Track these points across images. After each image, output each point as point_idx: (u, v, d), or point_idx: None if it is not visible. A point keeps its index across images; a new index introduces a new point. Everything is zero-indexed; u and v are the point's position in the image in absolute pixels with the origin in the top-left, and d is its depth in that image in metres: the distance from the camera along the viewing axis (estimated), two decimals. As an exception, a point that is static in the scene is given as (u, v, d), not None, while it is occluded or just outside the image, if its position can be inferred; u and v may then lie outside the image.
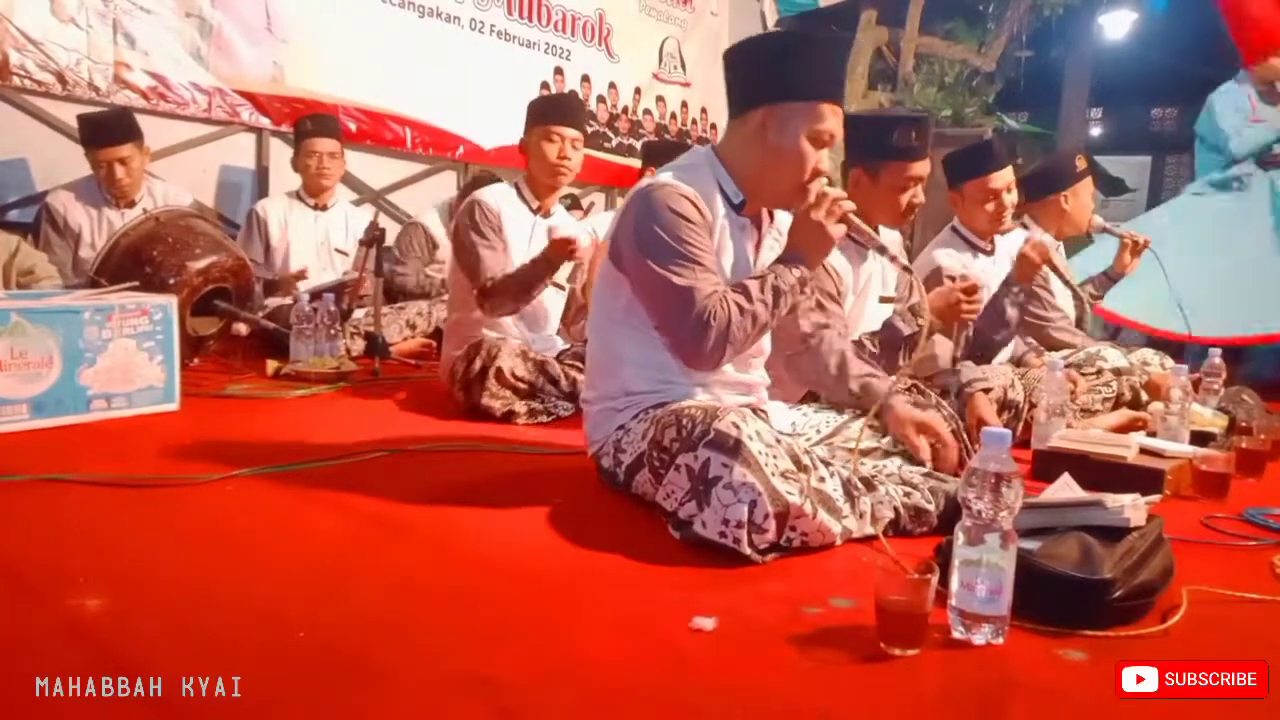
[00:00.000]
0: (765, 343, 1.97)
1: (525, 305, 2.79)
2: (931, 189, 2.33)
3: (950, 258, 2.81)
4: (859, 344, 2.22)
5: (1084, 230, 3.23)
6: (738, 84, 1.84)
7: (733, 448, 1.50)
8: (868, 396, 1.92)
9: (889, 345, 2.18)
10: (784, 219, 1.94)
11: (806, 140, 1.73)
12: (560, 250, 2.62)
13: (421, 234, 4.22)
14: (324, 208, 3.93)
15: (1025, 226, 3.18)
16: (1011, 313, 2.65)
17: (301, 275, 3.73)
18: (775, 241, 1.94)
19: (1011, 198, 2.83)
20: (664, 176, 1.80)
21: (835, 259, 2.29)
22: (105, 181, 3.38)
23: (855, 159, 2.32)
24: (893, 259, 1.83)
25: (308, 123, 3.89)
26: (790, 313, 1.95)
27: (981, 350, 2.64)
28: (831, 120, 1.75)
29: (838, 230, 1.73)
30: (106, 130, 3.36)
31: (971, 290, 2.28)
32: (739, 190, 1.82)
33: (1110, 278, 3.33)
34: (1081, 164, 3.21)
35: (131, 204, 3.42)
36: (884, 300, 2.39)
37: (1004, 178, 2.79)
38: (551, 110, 2.86)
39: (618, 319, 1.83)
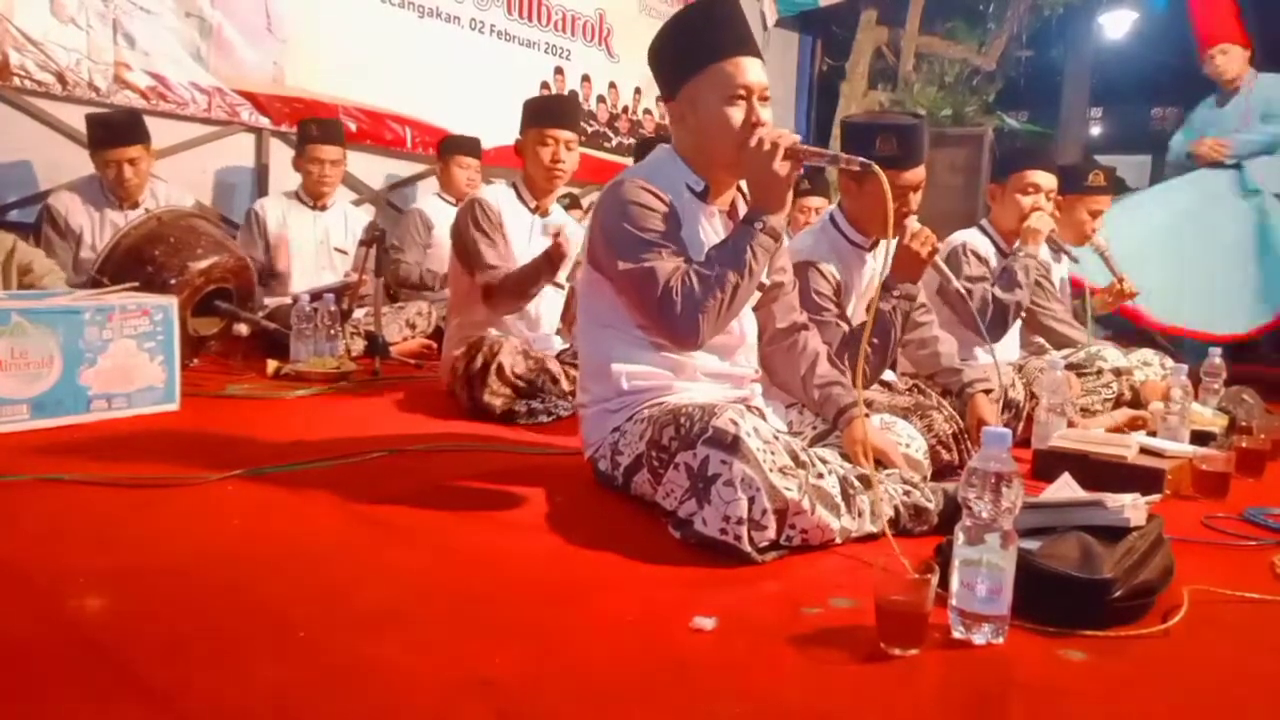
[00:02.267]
0: (750, 334, 1.96)
1: (528, 302, 2.81)
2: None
3: (974, 240, 2.87)
4: (855, 342, 2.20)
5: (1077, 243, 3.22)
6: (659, 87, 1.88)
7: (731, 444, 1.50)
8: (827, 405, 1.92)
9: (881, 332, 2.16)
10: None
11: (722, 104, 1.73)
12: (559, 250, 2.65)
13: (416, 218, 4.28)
14: (323, 207, 3.94)
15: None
16: (1022, 276, 2.72)
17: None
18: None
19: (1048, 205, 2.85)
20: (627, 173, 1.83)
21: (828, 265, 2.28)
22: (114, 182, 3.38)
23: None
24: (847, 161, 1.78)
25: (313, 127, 3.89)
26: (769, 303, 1.95)
27: (999, 315, 2.68)
28: (741, 73, 1.72)
29: (783, 168, 1.69)
30: (118, 131, 3.36)
31: (920, 234, 2.19)
32: (699, 178, 1.83)
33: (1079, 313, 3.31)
34: (1095, 179, 3.18)
35: (135, 205, 3.42)
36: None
37: (1049, 180, 2.84)
38: (545, 112, 2.86)
39: (604, 321, 1.84)
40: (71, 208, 3.39)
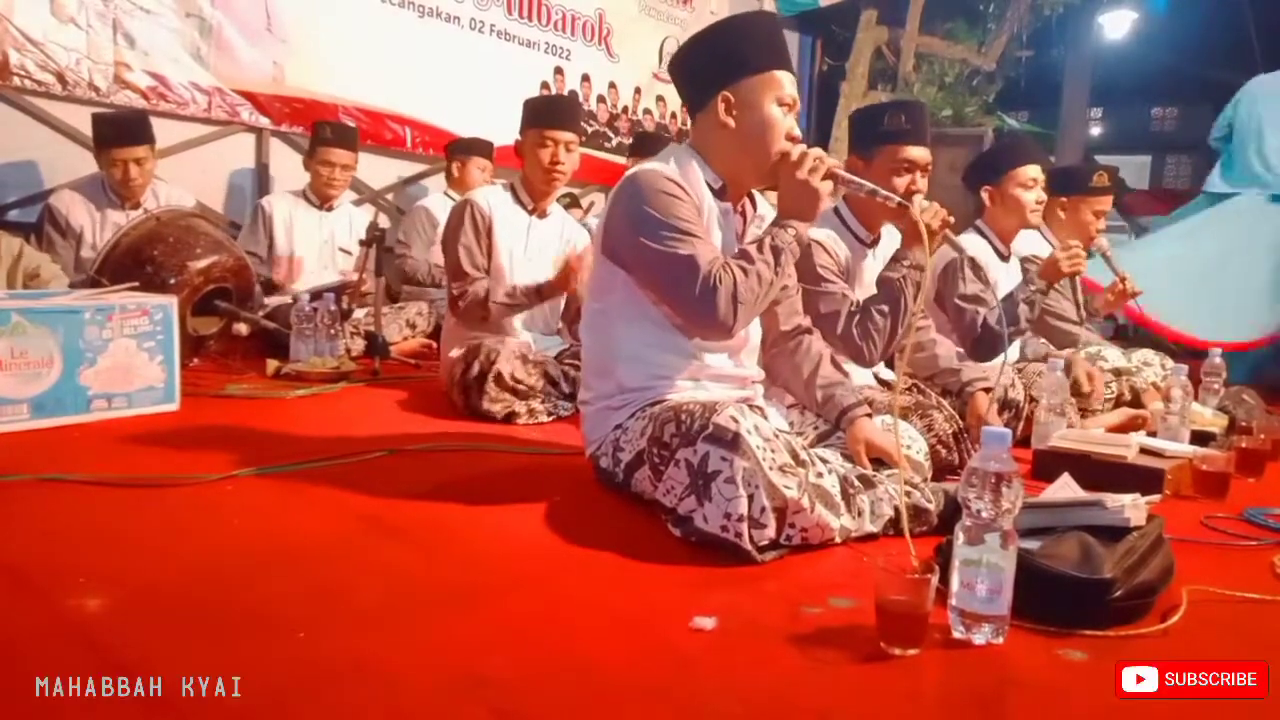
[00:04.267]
0: (755, 337, 1.96)
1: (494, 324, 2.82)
2: (941, 194, 2.31)
3: (973, 246, 2.82)
4: (864, 313, 2.17)
5: (1083, 244, 3.21)
6: (692, 82, 1.88)
7: (731, 441, 1.50)
8: (829, 406, 1.92)
9: (890, 300, 2.14)
10: (767, 210, 1.96)
11: (774, 106, 1.77)
12: (563, 284, 2.73)
13: (423, 215, 4.32)
14: (329, 208, 3.94)
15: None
16: (1024, 309, 2.64)
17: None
18: (759, 230, 1.94)
19: (1043, 197, 2.86)
20: (645, 165, 1.83)
21: (833, 243, 2.28)
22: (119, 182, 3.38)
23: (852, 149, 2.33)
24: (885, 198, 1.89)
25: (328, 130, 3.90)
26: (773, 305, 1.96)
27: (988, 341, 2.59)
28: (789, 85, 1.80)
29: (824, 186, 1.75)
30: (126, 130, 3.37)
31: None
32: (717, 176, 1.84)
33: (1089, 311, 3.30)
34: (1099, 180, 3.15)
35: (137, 205, 3.42)
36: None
37: (1037, 173, 2.84)
38: (545, 113, 2.86)
39: (613, 313, 1.84)
40: (73, 207, 3.39)
